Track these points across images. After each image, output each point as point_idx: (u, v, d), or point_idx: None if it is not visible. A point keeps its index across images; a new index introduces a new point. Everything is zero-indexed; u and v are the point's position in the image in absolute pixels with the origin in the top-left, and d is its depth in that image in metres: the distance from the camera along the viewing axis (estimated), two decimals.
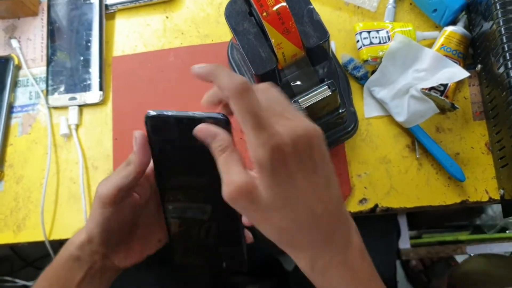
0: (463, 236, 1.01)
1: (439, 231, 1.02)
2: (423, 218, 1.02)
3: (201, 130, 0.35)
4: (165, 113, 0.40)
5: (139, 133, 0.40)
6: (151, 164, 0.42)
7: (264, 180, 0.32)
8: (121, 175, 0.41)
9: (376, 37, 0.59)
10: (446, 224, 1.04)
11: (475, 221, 1.04)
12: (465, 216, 1.04)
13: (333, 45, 0.61)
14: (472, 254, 0.96)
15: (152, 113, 0.40)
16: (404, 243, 0.90)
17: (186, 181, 0.44)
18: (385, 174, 0.57)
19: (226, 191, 0.33)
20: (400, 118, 0.56)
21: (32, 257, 0.86)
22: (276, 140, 0.31)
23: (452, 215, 1.02)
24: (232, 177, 0.32)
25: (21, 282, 0.78)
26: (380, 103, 0.58)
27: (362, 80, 0.59)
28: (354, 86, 0.60)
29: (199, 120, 0.38)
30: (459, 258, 1.13)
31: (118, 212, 0.43)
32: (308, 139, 0.32)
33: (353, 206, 0.56)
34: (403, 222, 0.91)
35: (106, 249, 0.45)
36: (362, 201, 0.56)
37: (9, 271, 0.86)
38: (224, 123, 0.37)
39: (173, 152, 0.42)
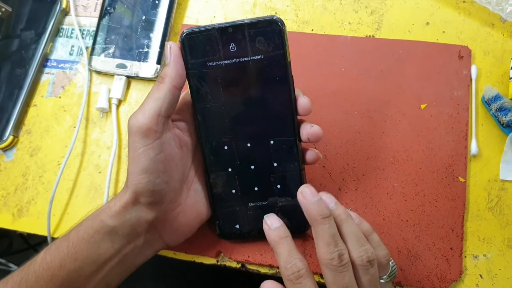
0: None
1: None
2: None
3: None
4: (205, 26, 0.35)
5: (173, 43, 0.35)
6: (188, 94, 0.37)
7: None
8: (155, 97, 0.35)
9: None
10: None
11: None
12: None
13: (474, 70, 0.44)
14: None
15: (189, 29, 0.35)
16: None
17: (236, 116, 0.37)
18: None
19: None
20: None
21: (36, 239, 0.73)
22: None
23: None
24: None
25: (15, 268, 0.66)
26: None
27: (507, 128, 0.43)
28: (492, 132, 0.44)
29: (249, 26, 0.34)
30: None
31: (164, 148, 0.35)
32: None
33: None
34: None
35: (155, 213, 0.36)
36: None
37: (6, 251, 0.73)
38: (278, 25, 0.34)
39: (219, 77, 0.36)
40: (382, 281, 0.34)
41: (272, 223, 0.36)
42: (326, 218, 0.32)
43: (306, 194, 0.34)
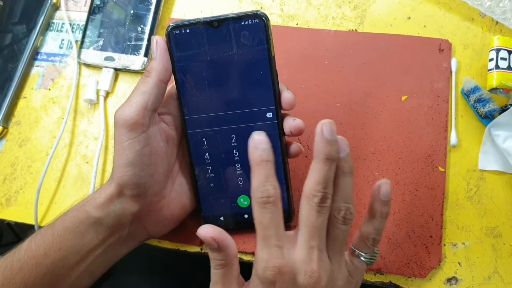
0: None
1: None
2: None
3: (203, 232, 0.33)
4: (191, 20, 0.35)
5: (159, 37, 0.36)
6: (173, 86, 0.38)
7: None
8: (141, 90, 0.35)
9: None
10: None
11: None
12: None
13: (454, 63, 0.45)
14: None
15: (175, 23, 0.35)
16: None
17: (220, 110, 0.38)
18: (491, 252, 0.42)
19: None
20: None
21: (26, 232, 0.74)
22: (274, 267, 0.31)
23: None
24: None
25: None
26: (504, 155, 0.43)
27: (485, 119, 0.44)
28: (471, 123, 0.45)
29: (234, 21, 0.35)
30: None
31: (150, 142, 0.36)
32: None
33: (438, 284, 0.41)
34: None
35: (140, 205, 0.37)
36: (451, 280, 0.41)
37: None
38: (263, 20, 0.35)
39: (204, 71, 0.36)
40: (362, 258, 0.34)
41: (260, 142, 0.33)
42: (330, 160, 0.31)
43: (326, 129, 0.32)
